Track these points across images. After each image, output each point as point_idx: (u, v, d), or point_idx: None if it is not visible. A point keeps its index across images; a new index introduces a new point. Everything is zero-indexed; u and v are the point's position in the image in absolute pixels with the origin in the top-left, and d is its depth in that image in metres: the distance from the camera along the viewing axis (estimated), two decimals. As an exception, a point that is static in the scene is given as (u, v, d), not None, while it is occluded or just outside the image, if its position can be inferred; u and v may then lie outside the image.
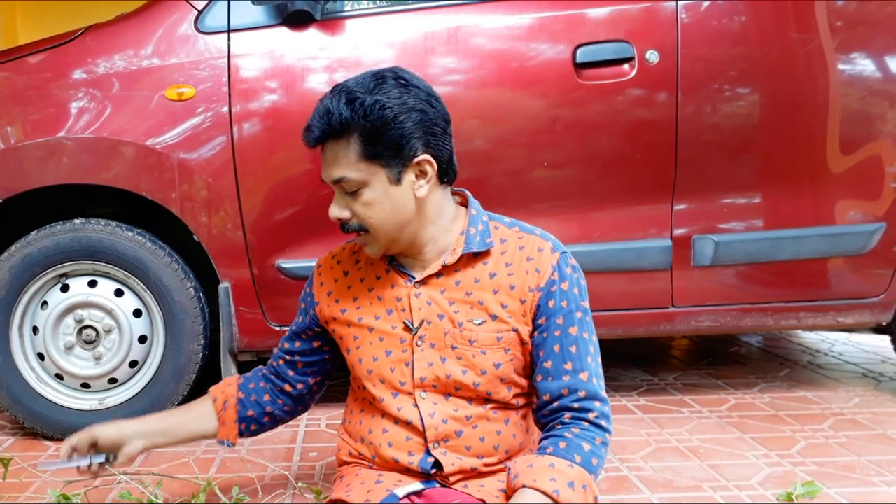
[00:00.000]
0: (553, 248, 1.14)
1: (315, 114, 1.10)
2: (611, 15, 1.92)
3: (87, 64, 1.91)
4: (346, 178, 1.08)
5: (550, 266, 1.12)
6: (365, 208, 1.09)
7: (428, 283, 1.15)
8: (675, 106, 1.91)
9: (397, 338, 1.15)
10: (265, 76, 1.89)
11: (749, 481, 1.66)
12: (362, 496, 1.12)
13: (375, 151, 1.06)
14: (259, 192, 1.91)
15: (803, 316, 2.08)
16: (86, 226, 1.92)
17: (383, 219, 1.10)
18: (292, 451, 1.91)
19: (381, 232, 1.11)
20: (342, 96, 1.07)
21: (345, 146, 1.07)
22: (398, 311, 1.16)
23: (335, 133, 1.07)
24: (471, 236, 1.14)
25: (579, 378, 1.10)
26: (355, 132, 1.06)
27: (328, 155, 1.10)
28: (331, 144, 1.09)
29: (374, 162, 1.07)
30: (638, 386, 2.40)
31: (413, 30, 1.92)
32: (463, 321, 1.12)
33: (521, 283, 1.12)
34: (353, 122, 1.05)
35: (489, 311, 1.12)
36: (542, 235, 1.17)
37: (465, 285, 1.14)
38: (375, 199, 1.09)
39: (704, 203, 1.98)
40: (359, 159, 1.07)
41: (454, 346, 1.12)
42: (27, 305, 1.97)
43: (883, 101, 1.97)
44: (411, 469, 1.16)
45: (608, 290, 2.00)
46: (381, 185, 1.09)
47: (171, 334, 1.95)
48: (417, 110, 1.07)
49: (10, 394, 1.97)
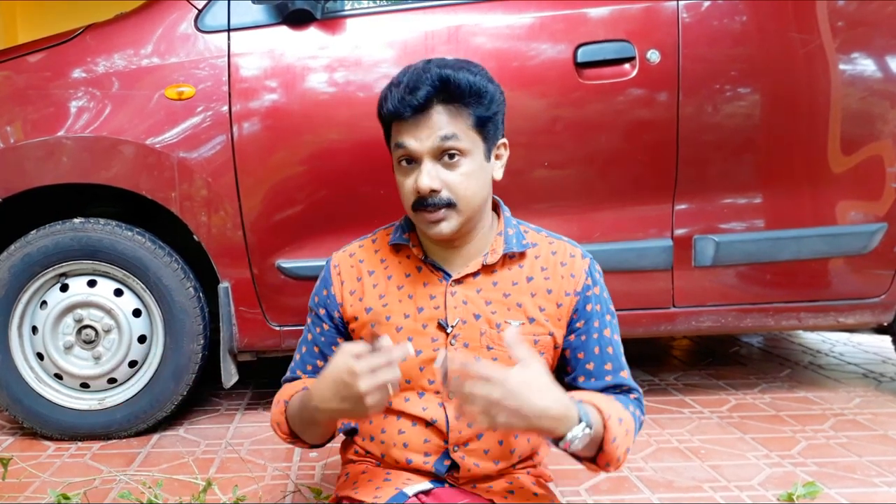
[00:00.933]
0: (583, 255, 1.18)
1: (414, 78, 1.06)
2: (611, 14, 1.92)
3: (86, 63, 1.91)
4: (458, 141, 1.05)
5: (584, 271, 1.16)
6: (463, 178, 1.07)
7: (464, 282, 1.14)
8: (675, 106, 1.91)
9: (428, 337, 1.13)
10: (265, 75, 1.88)
11: (750, 482, 1.66)
12: (370, 494, 1.11)
13: (484, 123, 1.08)
14: (259, 192, 1.90)
15: (804, 316, 2.08)
16: (85, 225, 1.92)
17: (475, 193, 1.09)
18: (292, 451, 1.90)
19: (468, 207, 1.09)
20: (457, 65, 1.08)
21: (457, 111, 1.06)
22: (431, 309, 1.13)
23: (451, 97, 1.05)
24: (509, 237, 1.15)
25: (620, 376, 1.16)
26: (472, 99, 1.06)
27: (435, 118, 1.05)
28: (440, 108, 1.05)
29: (479, 133, 1.08)
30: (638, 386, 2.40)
31: (413, 29, 1.92)
32: (501, 322, 1.12)
33: (557, 288, 1.14)
34: (473, 91, 1.06)
35: (527, 313, 1.13)
36: (569, 242, 1.20)
37: (503, 286, 1.14)
38: (473, 170, 1.08)
39: (705, 203, 1.98)
40: (469, 127, 1.07)
41: (490, 347, 1.12)
42: (26, 305, 1.97)
43: (884, 101, 1.96)
44: (423, 470, 1.14)
45: (609, 290, 1.99)
46: (479, 159, 1.09)
47: (171, 334, 1.95)
48: (502, 95, 1.12)
49: (9, 393, 1.97)
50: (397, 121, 1.08)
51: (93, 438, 2.00)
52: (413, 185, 1.07)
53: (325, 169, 1.90)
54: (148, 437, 2.02)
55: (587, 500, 1.59)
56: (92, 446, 1.97)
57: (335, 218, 1.92)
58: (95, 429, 1.99)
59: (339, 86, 1.90)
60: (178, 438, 2.02)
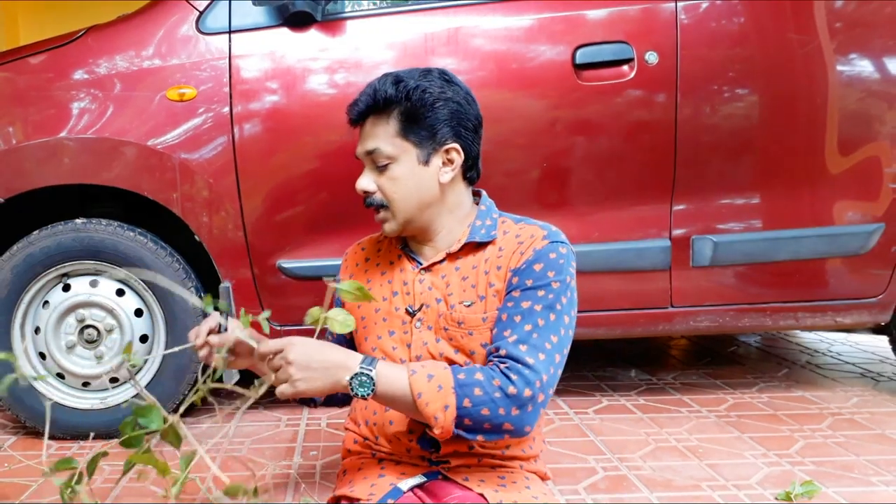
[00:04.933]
0: (545, 236, 1.15)
1: (362, 92, 1.18)
2: (610, 16, 1.93)
3: (88, 64, 1.92)
4: (379, 150, 1.16)
5: (533, 249, 1.13)
6: (391, 183, 1.16)
7: (432, 269, 1.20)
8: (674, 107, 1.92)
9: (399, 319, 1.20)
10: (266, 77, 1.90)
11: (748, 481, 1.67)
12: (365, 491, 1.14)
13: (411, 130, 1.15)
14: (260, 193, 1.91)
15: (802, 316, 2.09)
16: (87, 226, 1.93)
17: (405, 196, 1.16)
18: (293, 450, 1.91)
19: (400, 209, 1.17)
20: (389, 78, 1.17)
21: (384, 121, 1.16)
22: (403, 294, 1.21)
23: (378, 108, 1.16)
24: (476, 227, 1.20)
25: (508, 341, 1.07)
26: (396, 109, 1.15)
27: (367, 129, 1.18)
28: (372, 119, 1.17)
29: (407, 140, 1.15)
30: (637, 386, 2.41)
31: (413, 31, 1.93)
32: (455, 303, 1.16)
33: (505, 264, 1.15)
34: (396, 99, 1.15)
35: (479, 292, 1.16)
36: (542, 226, 1.18)
37: (463, 270, 1.19)
38: (402, 175, 1.16)
39: (703, 203, 1.99)
40: (395, 135, 1.15)
41: (446, 328, 1.17)
42: (29, 305, 1.98)
43: (881, 102, 1.97)
44: (412, 452, 1.18)
45: (607, 290, 2.01)
46: (409, 164, 1.16)
47: (172, 334, 1.96)
48: (455, 102, 1.17)
49: (11, 393, 1.98)
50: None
51: (94, 437, 2.01)
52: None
53: (326, 170, 1.92)
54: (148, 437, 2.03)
55: (585, 498, 1.60)
56: (93, 445, 1.98)
57: (336, 218, 1.93)
58: (97, 428, 2.00)
59: (340, 87, 1.91)
60: (180, 438, 2.02)
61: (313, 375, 1.02)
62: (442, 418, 1.03)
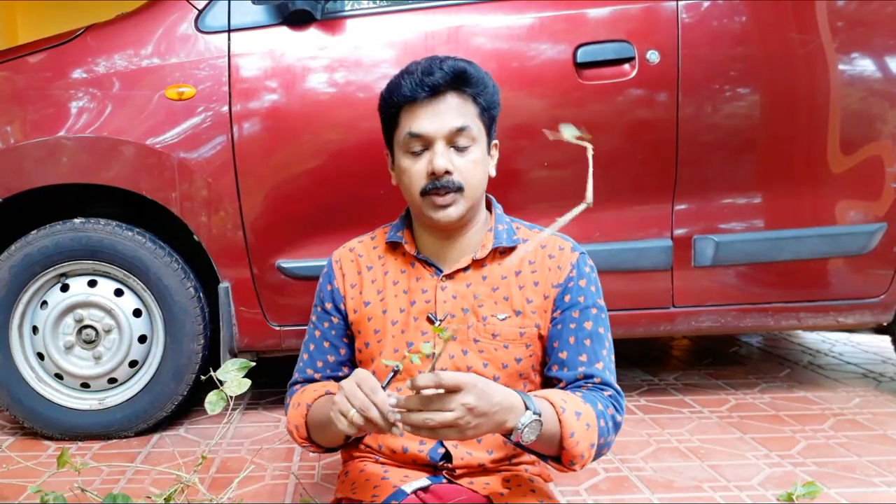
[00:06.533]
0: (573, 248, 1.19)
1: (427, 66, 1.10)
2: (611, 15, 1.92)
3: (87, 63, 1.91)
4: (469, 129, 1.11)
5: (570, 264, 1.16)
6: (472, 165, 1.12)
7: (455, 277, 1.17)
8: (675, 106, 1.91)
9: (419, 330, 1.16)
10: (265, 76, 1.89)
11: (749, 482, 1.66)
12: (368, 493, 1.12)
13: (487, 116, 1.14)
14: (259, 192, 1.90)
15: (804, 316, 2.08)
16: (86, 225, 1.92)
17: (479, 181, 1.14)
18: (292, 451, 1.91)
19: (471, 195, 1.13)
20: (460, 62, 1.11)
21: (466, 101, 1.11)
22: (422, 303, 1.17)
23: (464, 85, 1.10)
24: (499, 232, 1.18)
25: (595, 367, 1.12)
26: (480, 92, 1.12)
27: (448, 105, 1.10)
28: (453, 94, 1.11)
29: (484, 125, 1.14)
30: (638, 386, 2.40)
31: (413, 30, 1.92)
32: (487, 315, 1.14)
33: (543, 280, 1.15)
34: (482, 83, 1.12)
35: (514, 306, 1.15)
36: (562, 236, 1.21)
37: (492, 280, 1.16)
38: (480, 158, 1.13)
39: (705, 203, 1.98)
40: (476, 117, 1.13)
41: (477, 340, 1.14)
42: (27, 305, 1.97)
43: (883, 101, 1.97)
44: (418, 459, 1.16)
45: (608, 290, 1.95)
46: (482, 150, 1.14)
47: (171, 334, 1.95)
48: (499, 98, 1.18)
49: (9, 393, 1.97)
50: (410, 105, 1.11)
51: (93, 438, 2.01)
52: (425, 168, 1.11)
53: (326, 169, 1.91)
54: (148, 437, 2.03)
55: (587, 499, 1.59)
56: (92, 446, 1.97)
57: (335, 218, 1.93)
58: (96, 429, 2.00)
59: (339, 86, 1.90)
60: (179, 438, 2.02)
61: (486, 422, 0.91)
62: (588, 456, 1.03)
